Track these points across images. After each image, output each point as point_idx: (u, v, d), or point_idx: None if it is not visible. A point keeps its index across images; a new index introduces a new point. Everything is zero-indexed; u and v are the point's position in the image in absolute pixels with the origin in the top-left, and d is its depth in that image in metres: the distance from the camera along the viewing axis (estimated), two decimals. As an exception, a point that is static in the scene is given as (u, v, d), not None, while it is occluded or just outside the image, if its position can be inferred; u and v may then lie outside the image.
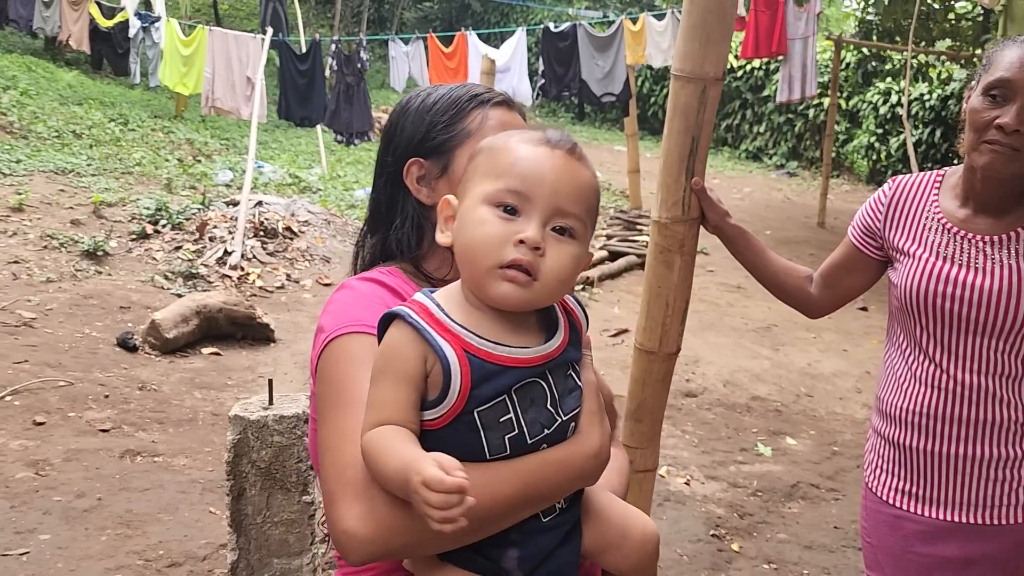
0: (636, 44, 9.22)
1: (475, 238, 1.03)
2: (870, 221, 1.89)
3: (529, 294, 1.03)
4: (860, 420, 5.12)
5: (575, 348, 1.11)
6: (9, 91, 10.78)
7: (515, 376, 1.03)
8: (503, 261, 1.01)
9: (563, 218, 1.04)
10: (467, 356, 1.02)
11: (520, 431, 1.04)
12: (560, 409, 1.07)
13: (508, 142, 1.08)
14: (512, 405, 1.03)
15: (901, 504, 1.80)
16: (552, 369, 1.06)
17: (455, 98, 1.33)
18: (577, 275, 1.09)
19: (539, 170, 1.04)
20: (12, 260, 5.92)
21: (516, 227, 1.02)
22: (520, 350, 1.04)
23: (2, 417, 3.95)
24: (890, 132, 14.37)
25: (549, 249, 1.03)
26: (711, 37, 1.96)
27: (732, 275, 8.04)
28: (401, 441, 1.00)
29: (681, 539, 3.59)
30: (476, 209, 1.04)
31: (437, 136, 1.30)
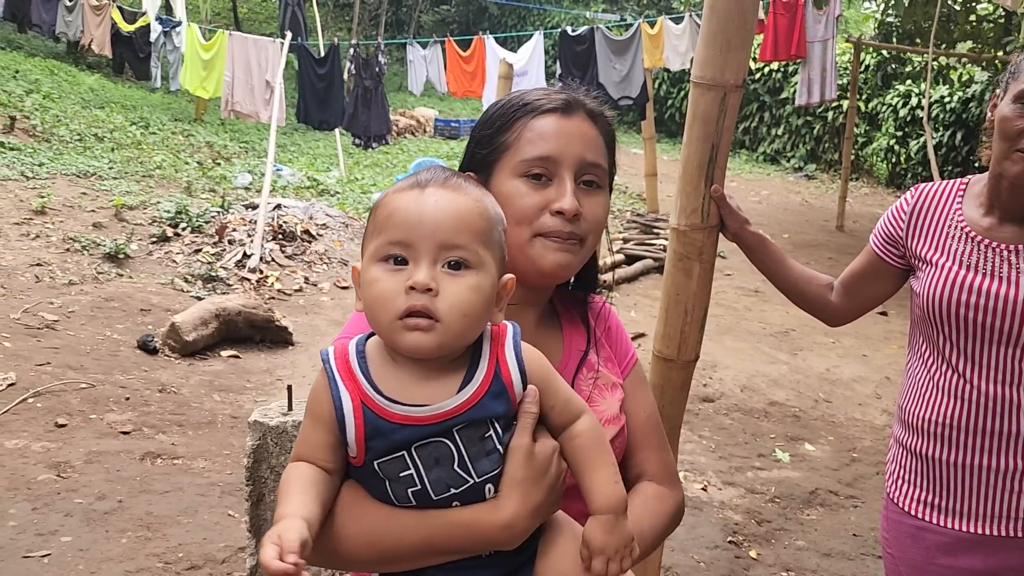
0: (654, 47, 9.20)
1: (372, 298, 1.02)
2: (892, 229, 1.87)
3: (437, 337, 1.00)
4: (879, 426, 5.08)
5: (499, 403, 1.04)
6: (32, 94, 10.91)
7: (411, 434, 1.01)
8: (400, 312, 1.00)
9: (452, 251, 1.02)
10: (363, 409, 1.01)
11: (423, 487, 1.02)
12: (472, 470, 1.02)
13: (384, 196, 1.07)
14: (412, 461, 1.01)
15: (923, 515, 1.79)
16: (461, 428, 1.01)
17: (506, 108, 1.30)
18: (487, 303, 1.04)
19: (413, 213, 1.02)
20: (35, 262, 5.99)
21: (406, 275, 1.01)
22: (415, 408, 1.01)
23: (25, 419, 4.00)
24: (910, 135, 14.26)
25: (443, 286, 1.00)
26: (731, 44, 1.95)
27: (749, 279, 8.01)
28: (294, 489, 1.02)
29: (698, 545, 3.57)
30: (368, 270, 1.04)
31: (481, 151, 1.29)
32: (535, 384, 1.07)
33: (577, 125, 1.27)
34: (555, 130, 1.25)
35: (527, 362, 1.07)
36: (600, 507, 1.06)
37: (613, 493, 1.07)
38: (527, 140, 1.25)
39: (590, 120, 1.29)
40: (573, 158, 1.25)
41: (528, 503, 1.04)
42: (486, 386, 1.03)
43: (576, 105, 1.28)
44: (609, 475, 1.08)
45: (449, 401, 1.01)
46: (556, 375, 1.11)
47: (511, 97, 1.31)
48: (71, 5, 10.44)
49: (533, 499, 1.04)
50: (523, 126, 1.26)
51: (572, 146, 1.25)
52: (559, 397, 1.09)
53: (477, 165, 1.29)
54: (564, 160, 1.24)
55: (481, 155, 1.29)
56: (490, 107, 1.34)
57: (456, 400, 1.02)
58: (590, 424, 1.10)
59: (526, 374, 1.06)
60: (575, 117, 1.27)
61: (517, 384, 1.05)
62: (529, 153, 1.24)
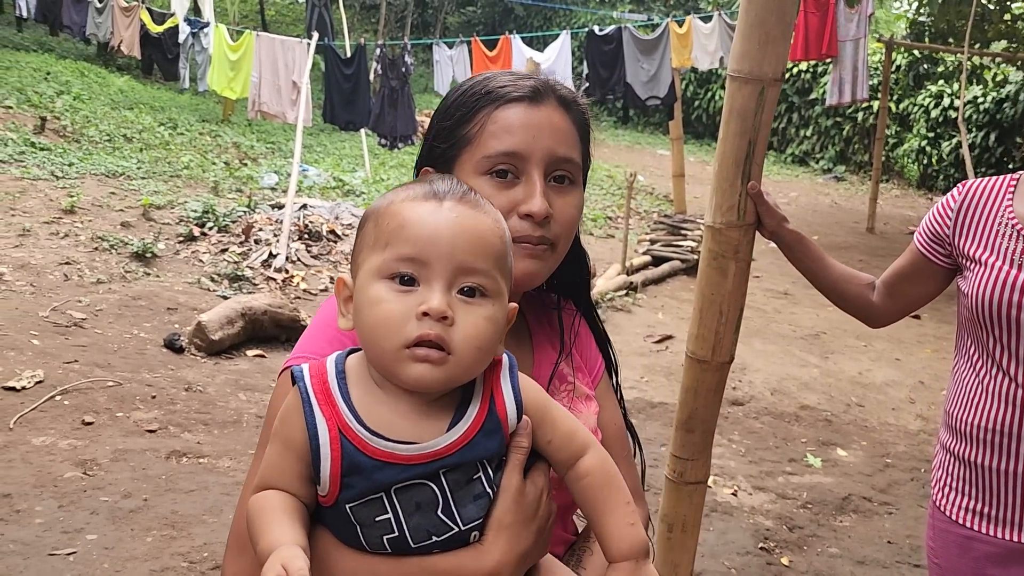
0: (682, 47, 9.12)
1: (374, 320, 0.89)
2: (938, 227, 1.80)
3: (446, 371, 0.89)
4: (914, 431, 4.97)
5: (492, 441, 0.93)
6: (63, 96, 11.04)
7: (393, 474, 0.88)
8: (409, 340, 0.87)
9: (469, 277, 0.90)
10: (340, 440, 0.89)
11: (401, 534, 0.90)
12: (457, 517, 0.91)
13: (391, 203, 0.94)
14: (391, 505, 0.89)
15: (972, 524, 1.72)
16: (448, 470, 0.90)
17: (468, 95, 1.15)
18: (500, 336, 0.93)
19: (429, 228, 0.90)
20: (64, 261, 6.03)
21: (417, 298, 0.89)
22: (401, 446, 0.88)
23: (52, 416, 4.01)
24: (942, 136, 14.04)
25: (459, 316, 0.89)
26: (770, 36, 1.89)
27: (779, 281, 7.90)
28: (275, 517, 0.90)
29: (728, 551, 3.50)
30: (369, 287, 0.91)
31: (440, 144, 1.15)
32: (531, 416, 0.96)
33: (547, 115, 1.12)
34: (522, 122, 1.11)
35: (524, 393, 0.96)
36: (618, 554, 0.95)
37: (631, 537, 0.96)
38: (491, 133, 1.11)
39: (562, 108, 1.15)
40: (542, 153, 1.11)
41: (516, 549, 0.94)
42: (479, 423, 0.92)
43: (545, 92, 1.14)
44: (624, 517, 0.96)
45: (440, 439, 0.90)
46: (555, 406, 0.99)
47: (473, 83, 1.17)
48: (101, 7, 10.55)
49: (521, 545, 0.95)
50: (486, 117, 1.12)
51: (541, 140, 1.11)
52: (558, 430, 0.97)
53: (436, 160, 1.16)
54: (532, 156, 1.10)
55: (440, 149, 1.15)
56: (450, 93, 1.18)
57: (447, 439, 0.90)
58: (598, 460, 0.98)
59: (523, 408, 0.95)
60: (544, 106, 1.13)
61: (513, 420, 0.94)
62: (493, 148, 1.10)
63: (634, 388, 5.21)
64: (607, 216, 10.11)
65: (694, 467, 2.16)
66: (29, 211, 6.92)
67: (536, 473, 0.98)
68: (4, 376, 4.25)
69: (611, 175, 12.73)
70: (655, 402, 5.02)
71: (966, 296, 1.73)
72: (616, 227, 9.52)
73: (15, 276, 5.62)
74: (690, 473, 2.16)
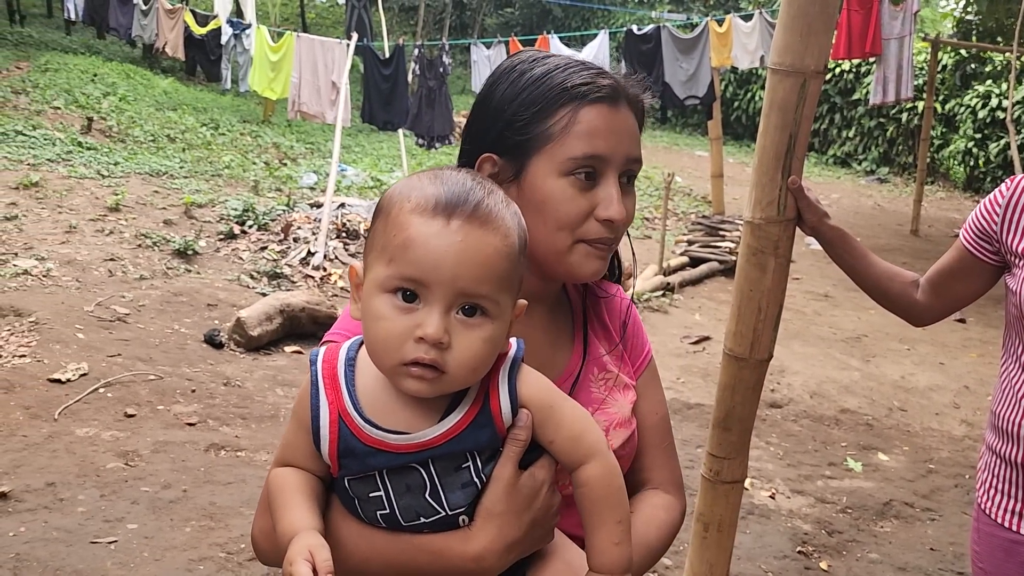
0: (722, 46, 9.03)
1: (374, 336, 0.93)
2: (985, 223, 1.75)
3: (439, 387, 0.92)
4: (958, 437, 4.86)
5: (482, 434, 0.95)
6: (109, 97, 11.28)
7: (384, 459, 0.94)
8: (405, 359, 0.91)
9: (470, 299, 0.92)
10: (339, 424, 0.95)
11: (392, 512, 0.96)
12: (444, 502, 0.96)
13: (401, 210, 0.93)
14: (383, 484, 0.95)
15: (1019, 528, 1.67)
16: (436, 458, 0.94)
17: (546, 88, 1.12)
18: (495, 354, 0.95)
19: (434, 253, 0.90)
20: (108, 258, 6.15)
21: (416, 319, 0.91)
22: (391, 435, 0.94)
23: (96, 408, 4.09)
24: (989, 137, 13.72)
25: (456, 337, 0.91)
26: (813, 28, 1.86)
27: (819, 283, 7.79)
28: (294, 497, 0.97)
29: (766, 555, 3.45)
30: (373, 298, 0.93)
31: (513, 135, 1.13)
32: (534, 414, 0.98)
33: (624, 119, 1.14)
34: (606, 126, 1.12)
35: (525, 391, 0.98)
36: (597, 567, 0.99)
37: (613, 556, 0.98)
38: (576, 135, 1.10)
39: (632, 110, 1.17)
40: (621, 157, 1.13)
41: (503, 538, 0.97)
42: (470, 417, 0.95)
43: (621, 92, 1.15)
44: (612, 535, 0.98)
45: (428, 431, 0.94)
46: (563, 407, 0.99)
47: (546, 71, 1.14)
48: (146, 9, 10.75)
49: (509, 534, 0.97)
50: (570, 117, 1.11)
51: (622, 144, 1.13)
52: (561, 432, 0.98)
53: (508, 150, 1.13)
54: (613, 160, 1.12)
55: (515, 141, 1.13)
56: (512, 77, 1.15)
57: (435, 431, 0.94)
58: (599, 472, 0.98)
59: (517, 404, 0.97)
60: (622, 109, 1.14)
61: (507, 416, 0.96)
62: (580, 151, 1.10)
63: (671, 389, 5.17)
64: (644, 217, 10.05)
65: (731, 466, 2.13)
66: (76, 209, 7.07)
67: (538, 466, 1.00)
68: (50, 368, 4.34)
69: (648, 176, 12.65)
70: (691, 403, 4.97)
71: (1015, 294, 1.68)
72: (653, 228, 9.45)
73: (62, 272, 5.75)
74: (727, 472, 2.13)
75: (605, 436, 1.15)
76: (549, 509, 1.01)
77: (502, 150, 1.14)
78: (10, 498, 3.25)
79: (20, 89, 10.79)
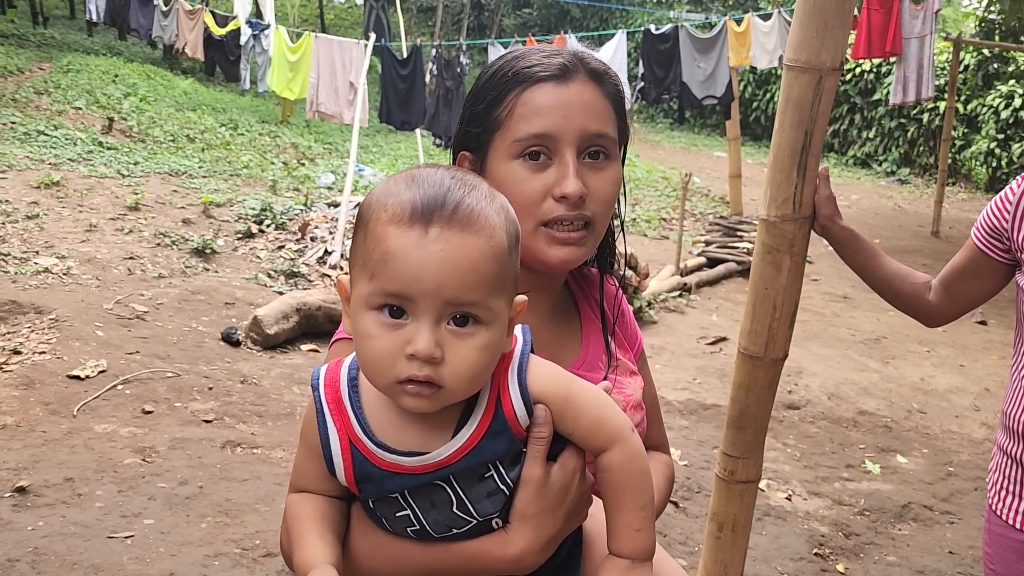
0: (740, 45, 8.98)
1: (365, 356, 0.90)
2: (996, 221, 1.73)
3: (439, 401, 0.89)
4: (978, 440, 4.80)
5: (500, 442, 0.92)
6: (129, 97, 11.38)
7: (403, 481, 0.92)
8: (399, 378, 0.87)
9: (459, 308, 0.87)
10: (351, 450, 0.92)
11: (422, 527, 0.94)
12: (473, 512, 0.94)
13: (378, 220, 0.88)
14: (407, 504, 0.93)
15: (1032, 529, 1.65)
16: (457, 474, 0.92)
17: (497, 78, 1.13)
18: (494, 359, 0.91)
19: (414, 264, 0.85)
20: (128, 256, 6.21)
21: (406, 334, 0.87)
22: (406, 458, 0.91)
23: (114, 404, 4.13)
24: (1012, 138, 13.56)
25: (449, 349, 0.87)
26: (829, 24, 1.84)
27: (838, 284, 7.72)
28: (309, 529, 0.95)
29: (782, 556, 3.43)
30: (360, 316, 0.89)
31: (473, 129, 1.15)
32: (551, 408, 0.94)
33: (577, 92, 1.10)
34: (551, 102, 1.09)
35: (538, 387, 0.94)
36: (616, 551, 0.97)
37: (635, 542, 0.96)
38: (520, 116, 1.09)
39: (593, 82, 1.12)
40: (574, 132, 1.09)
41: (540, 537, 0.95)
42: (484, 427, 0.92)
43: (575, 67, 1.11)
44: (634, 520, 0.96)
45: (442, 450, 0.91)
46: (579, 394, 0.96)
47: (502, 63, 1.15)
48: (167, 10, 10.84)
49: (546, 532, 0.96)
50: (515, 100, 1.10)
51: (572, 119, 1.09)
52: (581, 421, 0.95)
53: (471, 145, 1.15)
54: (564, 136, 1.09)
55: (473, 134, 1.14)
56: (481, 75, 1.18)
57: (449, 448, 0.91)
58: (621, 458, 0.95)
59: (531, 404, 0.93)
60: (574, 83, 1.10)
61: (522, 418, 0.93)
62: (523, 132, 1.09)
63: (686, 389, 5.14)
64: (661, 217, 10.02)
65: (745, 465, 2.11)
66: (96, 208, 7.14)
67: (566, 456, 0.97)
68: (69, 365, 4.38)
69: (666, 176, 12.61)
70: (708, 404, 4.94)
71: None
72: (670, 228, 9.42)
73: (81, 270, 5.80)
74: (741, 471, 2.12)
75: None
76: (583, 496, 0.99)
77: (469, 146, 1.16)
78: (29, 493, 3.28)
79: (42, 89, 10.91)
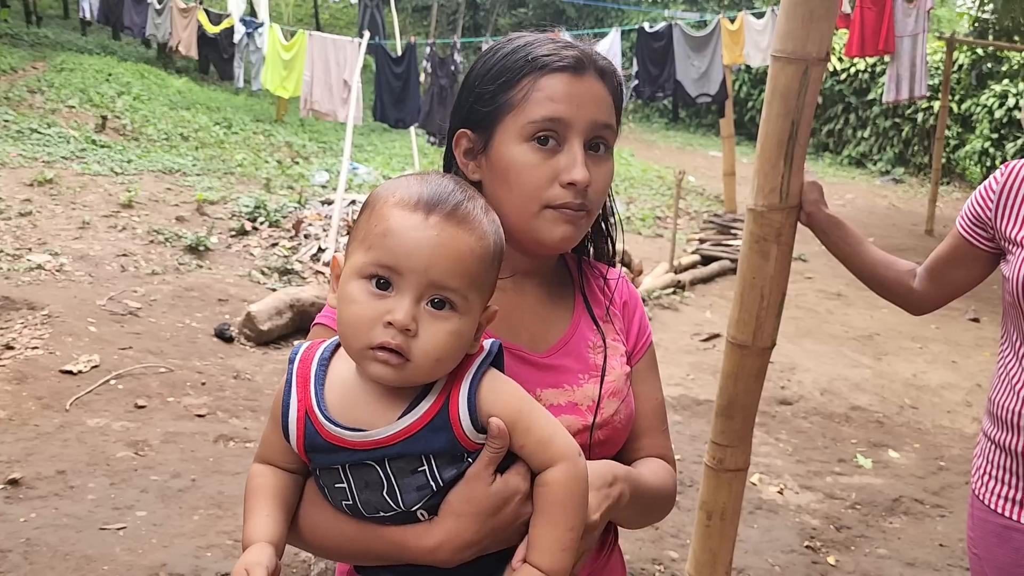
0: (734, 43, 9.00)
1: (346, 318, 0.97)
2: (980, 210, 1.75)
3: (403, 374, 0.96)
4: (970, 435, 4.82)
5: (438, 438, 0.98)
6: (123, 96, 11.36)
7: (344, 456, 0.99)
8: (372, 343, 0.95)
9: (440, 291, 0.96)
10: (305, 421, 1.00)
11: (355, 503, 1.01)
12: (400, 500, 0.99)
13: (385, 203, 0.98)
14: (345, 478, 1.01)
15: (1012, 514, 1.66)
16: (392, 458, 0.98)
17: (511, 61, 1.17)
18: (463, 347, 0.99)
19: (410, 243, 0.95)
20: (121, 253, 6.20)
21: (387, 305, 0.95)
22: (349, 432, 0.98)
23: (107, 399, 4.13)
24: (1006, 137, 13.60)
25: (423, 327, 0.95)
26: (814, 14, 1.86)
27: (831, 282, 7.75)
28: (260, 502, 1.03)
29: (773, 549, 3.44)
30: (349, 283, 0.98)
31: (481, 108, 1.17)
32: (504, 420, 0.99)
33: (589, 86, 1.16)
34: (566, 91, 1.14)
35: (491, 398, 1.00)
36: (537, 563, 0.99)
37: (555, 559, 0.99)
38: (535, 100, 1.13)
39: (601, 79, 1.18)
40: (584, 121, 1.14)
41: (461, 537, 1.00)
42: (427, 419, 0.98)
43: (587, 63, 1.17)
44: (563, 539, 0.99)
45: (383, 430, 0.98)
46: (532, 413, 1.02)
47: (515, 47, 1.18)
48: (160, 8, 10.83)
49: (468, 534, 1.00)
50: (531, 84, 1.14)
51: (584, 109, 1.14)
52: (531, 436, 1.00)
53: (476, 123, 1.18)
54: (575, 124, 1.14)
55: (481, 113, 1.17)
56: (487, 55, 1.20)
57: (389, 430, 0.97)
58: (565, 477, 1.00)
59: (476, 412, 0.98)
60: (586, 77, 1.16)
61: (465, 422, 0.98)
62: (537, 114, 1.13)
63: (680, 385, 5.16)
64: (656, 216, 10.04)
65: (734, 454, 2.13)
66: (89, 205, 7.13)
67: (513, 472, 1.02)
68: (62, 360, 4.39)
69: (661, 175, 12.63)
70: (701, 399, 4.96)
71: (1008, 280, 1.67)
72: (665, 227, 9.44)
73: (75, 266, 5.80)
74: (730, 460, 2.13)
75: (597, 409, 1.17)
76: (517, 519, 1.02)
77: (473, 124, 1.19)
78: (21, 485, 3.29)
79: (36, 88, 10.89)
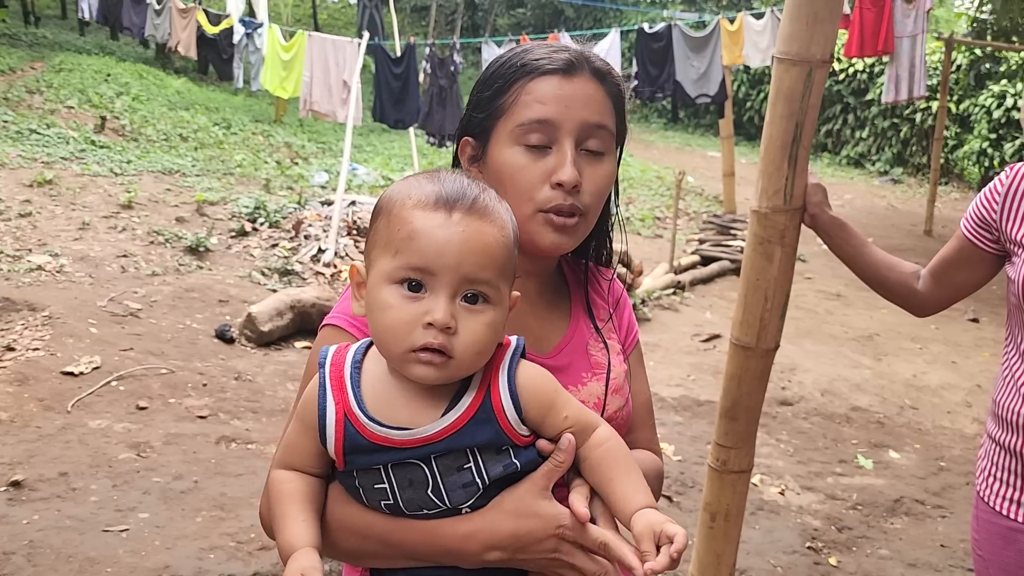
0: (733, 44, 9.01)
1: (384, 325, 0.98)
2: (985, 212, 1.75)
3: (447, 372, 0.97)
4: (970, 435, 4.83)
5: (484, 431, 0.99)
6: (122, 96, 11.35)
7: (388, 455, 0.98)
8: (414, 346, 0.96)
9: (473, 286, 0.97)
10: (344, 423, 0.99)
11: (396, 503, 1.00)
12: (446, 498, 0.99)
13: (403, 206, 0.99)
14: (387, 478, 1.00)
15: (1017, 516, 1.66)
16: (438, 456, 0.98)
17: (505, 68, 1.19)
18: (499, 336, 1.01)
19: (438, 242, 0.96)
20: (121, 254, 6.20)
21: (424, 306, 0.96)
22: (394, 431, 0.97)
23: (108, 401, 4.13)
24: (1004, 137, 13.61)
25: (462, 322, 0.96)
26: (819, 16, 1.86)
27: (831, 283, 7.76)
28: (294, 508, 1.01)
29: (775, 550, 3.45)
30: (380, 290, 0.98)
31: (478, 115, 1.19)
32: (537, 409, 1.01)
33: (581, 86, 1.16)
34: (555, 93, 1.14)
35: (526, 385, 1.01)
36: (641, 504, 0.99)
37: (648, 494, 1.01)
38: (524, 104, 1.15)
39: (596, 80, 1.17)
40: (574, 123, 1.14)
41: (494, 532, 1.00)
42: (471, 413, 0.98)
43: (580, 64, 1.17)
44: (640, 481, 1.02)
45: (429, 427, 0.98)
46: (562, 394, 1.04)
47: (511, 55, 1.20)
48: (159, 8, 10.82)
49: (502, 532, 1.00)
50: (521, 88, 1.15)
51: (573, 110, 1.14)
52: (570, 407, 1.03)
53: (474, 130, 1.20)
54: (564, 125, 1.14)
55: (478, 119, 1.19)
56: (489, 65, 1.23)
57: (436, 427, 0.98)
58: (612, 432, 1.04)
59: (519, 400, 1.00)
60: (578, 78, 1.16)
61: (510, 412, 0.99)
62: (525, 117, 1.14)
63: (680, 386, 5.16)
64: (655, 216, 10.04)
65: (737, 456, 2.13)
66: (89, 206, 7.13)
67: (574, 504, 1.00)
68: (63, 362, 4.38)
69: (660, 176, 12.63)
70: (702, 400, 4.96)
71: (1013, 282, 1.68)
72: (664, 227, 9.44)
73: (75, 267, 5.80)
74: (733, 462, 2.14)
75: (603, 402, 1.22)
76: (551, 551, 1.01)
77: (473, 131, 1.21)
78: (24, 487, 3.28)
79: (35, 89, 10.88)
